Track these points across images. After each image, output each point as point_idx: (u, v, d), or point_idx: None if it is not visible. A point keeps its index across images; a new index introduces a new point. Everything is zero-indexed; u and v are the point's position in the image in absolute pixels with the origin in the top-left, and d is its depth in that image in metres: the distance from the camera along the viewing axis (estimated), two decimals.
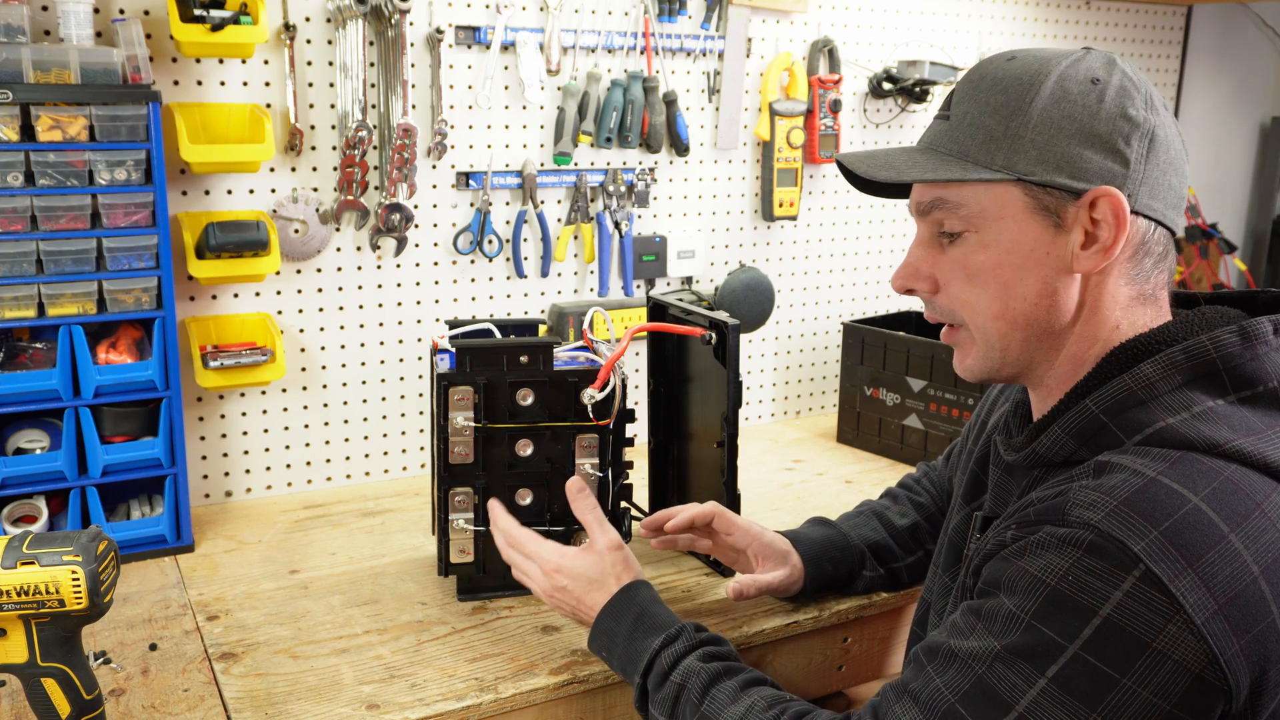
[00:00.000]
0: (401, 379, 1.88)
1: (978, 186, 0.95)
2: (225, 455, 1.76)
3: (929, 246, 1.00)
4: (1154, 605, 0.78)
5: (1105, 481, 0.85)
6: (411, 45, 1.75)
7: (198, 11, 1.51)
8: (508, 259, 1.93)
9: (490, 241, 1.89)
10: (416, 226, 1.83)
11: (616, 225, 2.01)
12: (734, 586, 1.30)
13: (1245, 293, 1.00)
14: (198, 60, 1.63)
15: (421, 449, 1.92)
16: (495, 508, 1.33)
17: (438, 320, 1.88)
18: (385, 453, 1.89)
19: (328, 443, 1.84)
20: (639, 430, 1.58)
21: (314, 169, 1.74)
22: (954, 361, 1.05)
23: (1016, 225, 0.94)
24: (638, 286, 2.07)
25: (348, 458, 1.86)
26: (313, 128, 1.72)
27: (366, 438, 1.87)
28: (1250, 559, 0.80)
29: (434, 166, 1.84)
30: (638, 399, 1.90)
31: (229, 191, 1.69)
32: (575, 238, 1.99)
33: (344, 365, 1.83)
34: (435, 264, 1.87)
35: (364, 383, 1.85)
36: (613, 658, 1.16)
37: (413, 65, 1.76)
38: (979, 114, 0.95)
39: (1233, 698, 0.79)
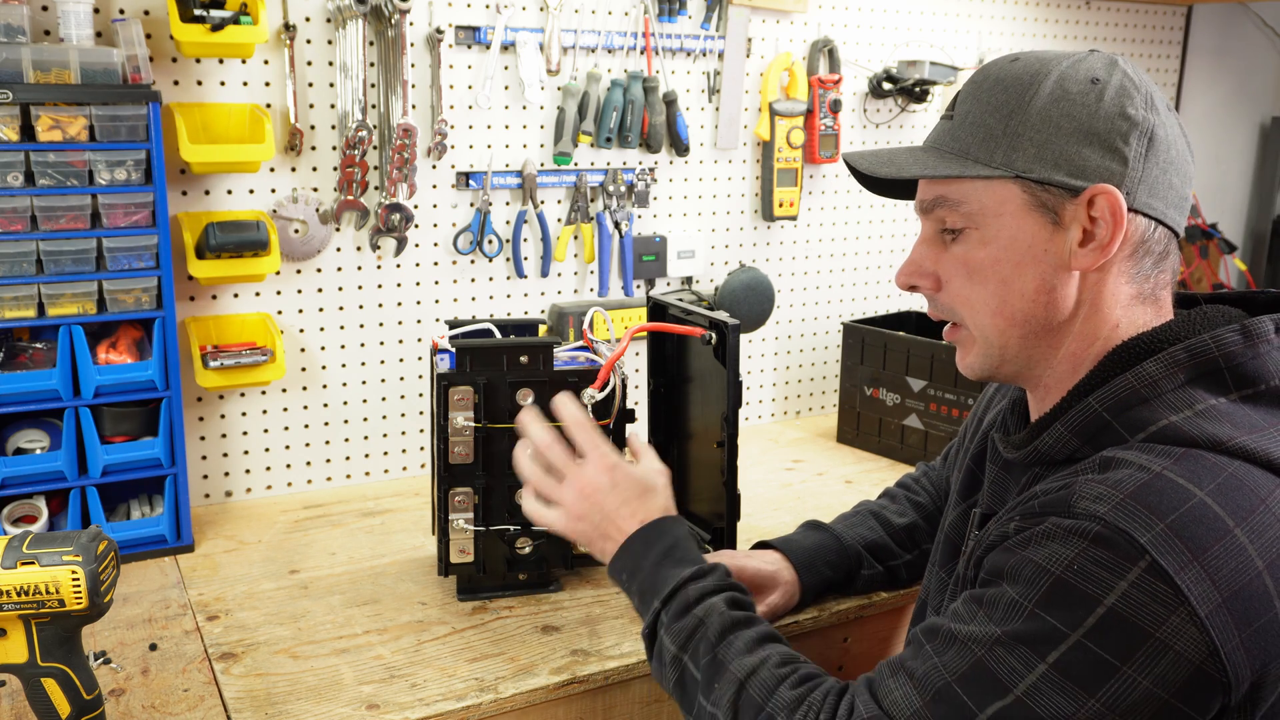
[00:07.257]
0: (401, 379, 1.88)
1: (978, 184, 0.96)
2: (225, 455, 1.76)
3: (932, 244, 1.01)
4: (1159, 596, 0.79)
5: (1111, 476, 0.85)
6: (411, 45, 1.75)
7: (198, 11, 1.51)
8: (508, 259, 1.93)
9: (490, 241, 1.89)
10: (416, 226, 1.83)
11: (616, 225, 2.01)
12: None
13: (1244, 293, 1.01)
14: (198, 60, 1.63)
15: (421, 449, 1.92)
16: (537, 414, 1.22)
17: (438, 320, 1.88)
18: (385, 453, 1.89)
19: (328, 443, 1.84)
20: (639, 430, 1.58)
21: (314, 169, 1.74)
22: (956, 359, 1.05)
23: (1015, 222, 0.95)
24: (638, 286, 2.07)
25: (348, 458, 1.86)
26: (313, 128, 1.72)
27: (366, 438, 1.87)
28: (1255, 553, 0.80)
29: (434, 166, 1.84)
30: (638, 399, 1.89)
31: (229, 191, 1.69)
32: (575, 238, 1.99)
33: (344, 365, 1.83)
34: (435, 264, 1.87)
35: (364, 383, 1.85)
36: (634, 580, 1.13)
37: (413, 65, 1.76)
38: (980, 113, 0.96)
39: (1232, 691, 0.79)
